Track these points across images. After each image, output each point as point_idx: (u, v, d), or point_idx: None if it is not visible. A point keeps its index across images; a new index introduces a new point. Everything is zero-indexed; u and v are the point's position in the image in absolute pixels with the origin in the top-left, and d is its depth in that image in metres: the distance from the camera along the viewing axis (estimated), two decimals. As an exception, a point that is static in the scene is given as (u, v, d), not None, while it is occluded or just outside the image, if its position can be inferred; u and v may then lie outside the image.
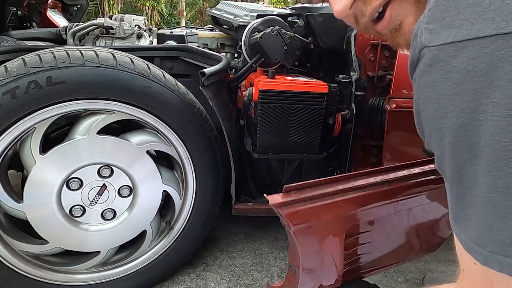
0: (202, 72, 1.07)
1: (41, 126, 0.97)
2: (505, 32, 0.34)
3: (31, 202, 1.01)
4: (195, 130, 1.10)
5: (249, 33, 1.23)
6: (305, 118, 1.17)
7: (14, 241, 1.04)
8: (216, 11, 1.63)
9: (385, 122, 1.20)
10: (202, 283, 1.28)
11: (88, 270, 1.15)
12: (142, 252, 1.20)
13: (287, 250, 1.51)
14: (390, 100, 1.20)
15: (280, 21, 1.24)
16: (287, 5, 13.78)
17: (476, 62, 0.36)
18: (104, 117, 1.02)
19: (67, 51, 0.96)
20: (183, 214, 1.20)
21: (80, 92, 0.95)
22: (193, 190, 1.17)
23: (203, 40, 1.65)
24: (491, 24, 0.35)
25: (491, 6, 0.35)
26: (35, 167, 0.98)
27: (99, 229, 1.10)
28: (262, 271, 1.37)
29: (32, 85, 0.90)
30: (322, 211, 0.70)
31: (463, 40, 0.37)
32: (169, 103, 1.04)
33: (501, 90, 0.35)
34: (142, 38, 1.65)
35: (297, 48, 1.20)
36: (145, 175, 1.10)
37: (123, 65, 0.99)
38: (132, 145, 1.06)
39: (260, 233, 1.62)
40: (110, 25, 1.58)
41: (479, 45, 0.36)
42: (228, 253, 1.46)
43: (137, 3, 16.49)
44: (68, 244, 1.09)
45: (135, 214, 1.13)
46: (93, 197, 1.07)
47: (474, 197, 0.40)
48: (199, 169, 1.14)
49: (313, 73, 1.38)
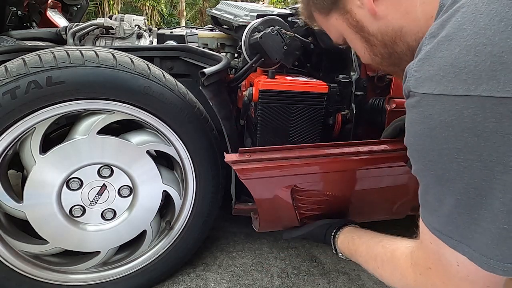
0: (202, 72, 1.07)
1: (41, 126, 0.97)
2: (474, 94, 0.43)
3: (31, 202, 1.01)
4: (195, 130, 1.10)
5: (249, 33, 1.23)
6: (305, 118, 1.17)
7: (14, 241, 1.04)
8: (216, 11, 1.63)
9: (385, 122, 1.21)
10: (202, 283, 1.28)
11: (88, 270, 1.15)
12: (142, 252, 1.20)
13: (287, 250, 1.51)
14: (390, 100, 1.21)
15: (280, 21, 1.24)
16: (287, 5, 13.77)
17: (448, 115, 0.45)
18: (104, 117, 1.02)
19: (67, 51, 0.96)
20: (183, 214, 1.20)
21: (80, 92, 0.95)
22: (193, 190, 1.17)
23: (203, 40, 1.65)
24: (463, 85, 0.44)
25: (465, 69, 0.44)
26: (35, 167, 0.98)
27: (99, 229, 1.10)
28: (262, 271, 1.37)
29: (32, 85, 0.90)
30: (268, 169, 0.92)
31: (440, 94, 0.46)
32: (169, 103, 1.04)
33: (465, 140, 0.45)
34: (142, 38, 1.65)
35: (297, 48, 1.20)
36: (145, 175, 1.10)
37: (123, 65, 0.99)
38: (132, 145, 1.06)
39: (260, 233, 1.62)
40: (110, 25, 1.58)
41: (452, 101, 0.45)
42: (228, 253, 1.46)
43: (137, 3, 16.50)
44: (68, 244, 1.09)
45: (135, 214, 1.13)
46: (93, 197, 1.07)
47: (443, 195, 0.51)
48: (199, 169, 1.14)
49: (313, 73, 1.38)
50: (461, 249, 0.50)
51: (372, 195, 1.14)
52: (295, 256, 1.47)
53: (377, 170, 1.06)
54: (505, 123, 0.42)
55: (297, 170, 0.96)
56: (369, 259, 0.80)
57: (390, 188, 1.13)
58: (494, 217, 0.46)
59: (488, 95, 0.42)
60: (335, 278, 1.35)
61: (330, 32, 0.81)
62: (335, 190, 1.08)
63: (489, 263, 0.48)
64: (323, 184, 1.05)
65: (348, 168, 1.02)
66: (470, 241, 0.49)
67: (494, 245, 0.47)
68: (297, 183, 0.99)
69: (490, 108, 0.42)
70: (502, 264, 0.47)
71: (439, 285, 0.58)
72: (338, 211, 1.12)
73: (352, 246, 0.90)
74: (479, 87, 0.42)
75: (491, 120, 0.42)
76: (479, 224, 0.47)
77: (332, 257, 1.48)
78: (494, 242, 0.47)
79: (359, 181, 1.09)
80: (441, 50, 0.47)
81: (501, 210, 0.45)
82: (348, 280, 1.35)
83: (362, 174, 1.06)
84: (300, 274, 1.36)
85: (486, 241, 0.48)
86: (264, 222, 1.10)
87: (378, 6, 0.64)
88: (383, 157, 1.03)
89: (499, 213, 0.45)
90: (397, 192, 1.16)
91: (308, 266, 1.42)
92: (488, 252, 0.48)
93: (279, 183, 0.96)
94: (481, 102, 0.42)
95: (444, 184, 0.49)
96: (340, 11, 0.72)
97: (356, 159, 1.01)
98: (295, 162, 0.94)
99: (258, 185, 0.94)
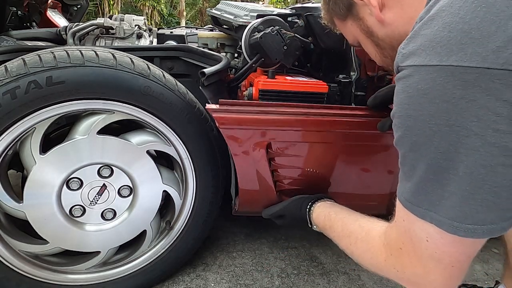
0: (202, 72, 1.07)
1: (41, 126, 0.97)
2: (446, 64, 0.49)
3: (31, 202, 1.01)
4: (195, 130, 1.10)
5: (249, 33, 1.23)
6: (305, 118, 1.17)
7: (14, 241, 1.04)
8: (216, 11, 1.63)
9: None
10: (202, 283, 1.28)
11: (88, 270, 1.15)
12: (142, 252, 1.20)
13: (287, 250, 1.51)
14: (390, 100, 1.21)
15: (280, 21, 1.24)
16: (287, 5, 13.77)
17: (424, 83, 0.52)
18: (104, 117, 1.02)
19: (67, 51, 0.96)
20: (183, 214, 1.20)
21: (80, 92, 0.95)
22: (193, 190, 1.17)
23: (203, 40, 1.65)
24: (438, 57, 0.50)
25: (440, 43, 0.50)
26: (35, 167, 0.98)
27: (99, 229, 1.10)
28: (262, 271, 1.37)
29: (32, 85, 0.90)
30: (244, 120, 1.00)
31: (419, 65, 0.53)
32: (169, 103, 1.04)
33: (436, 106, 0.51)
34: (142, 38, 1.65)
35: (297, 48, 1.20)
36: (145, 175, 1.10)
37: (123, 65, 0.99)
38: (132, 145, 1.06)
39: (260, 233, 1.62)
40: (110, 25, 1.58)
41: (427, 71, 0.51)
42: (228, 253, 1.46)
43: (137, 3, 16.51)
44: (68, 244, 1.09)
45: (135, 214, 1.13)
46: (93, 197, 1.07)
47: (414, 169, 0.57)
48: (199, 169, 1.14)
49: (313, 73, 1.38)
50: (429, 216, 0.55)
51: (351, 170, 1.17)
52: (295, 256, 1.47)
53: (354, 136, 1.09)
54: (469, 90, 0.47)
55: (271, 123, 1.02)
56: (344, 236, 0.84)
57: (369, 163, 1.17)
58: (458, 180, 0.51)
59: (457, 64, 0.48)
60: (335, 278, 1.35)
61: (347, 36, 0.90)
62: (311, 158, 1.11)
63: (452, 225, 0.53)
64: (298, 148, 1.09)
65: (321, 129, 1.06)
66: (437, 207, 0.54)
67: (457, 208, 0.52)
68: (272, 138, 1.04)
69: (458, 77, 0.48)
70: (463, 225, 0.52)
71: (408, 265, 0.62)
72: (316, 188, 1.15)
73: (327, 222, 0.93)
74: (450, 58, 0.49)
75: (459, 87, 0.48)
76: (446, 189, 0.52)
77: (332, 257, 1.48)
78: (457, 205, 0.52)
79: (335, 150, 1.12)
80: (424, 29, 0.54)
81: (464, 172, 0.50)
82: (348, 280, 1.35)
83: (337, 139, 1.09)
84: (300, 274, 1.36)
85: (450, 204, 0.52)
86: (243, 195, 1.13)
87: (385, 14, 0.72)
88: (359, 121, 1.08)
89: (463, 176, 0.50)
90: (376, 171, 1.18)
91: (308, 266, 1.42)
92: (452, 215, 0.53)
93: (254, 136, 1.02)
94: (451, 71, 0.48)
95: (418, 150, 0.55)
96: (354, 18, 0.81)
97: (329, 119, 1.06)
98: (270, 116, 1.02)
99: (235, 136, 1.01)
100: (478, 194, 0.50)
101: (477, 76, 0.46)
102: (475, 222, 0.52)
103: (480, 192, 0.50)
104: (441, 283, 0.59)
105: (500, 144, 0.47)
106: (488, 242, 0.59)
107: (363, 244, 0.75)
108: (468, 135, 0.48)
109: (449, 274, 0.58)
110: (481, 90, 0.46)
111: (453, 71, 0.48)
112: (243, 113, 1.01)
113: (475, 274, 1.42)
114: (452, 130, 0.49)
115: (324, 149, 1.11)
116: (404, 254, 0.62)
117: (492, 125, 0.47)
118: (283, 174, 1.12)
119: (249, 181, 1.11)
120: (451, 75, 0.48)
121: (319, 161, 1.13)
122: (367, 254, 0.73)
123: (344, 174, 1.17)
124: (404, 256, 0.62)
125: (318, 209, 1.00)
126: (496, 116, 0.46)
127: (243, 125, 1.01)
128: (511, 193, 0.50)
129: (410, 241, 0.60)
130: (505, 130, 0.46)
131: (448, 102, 0.49)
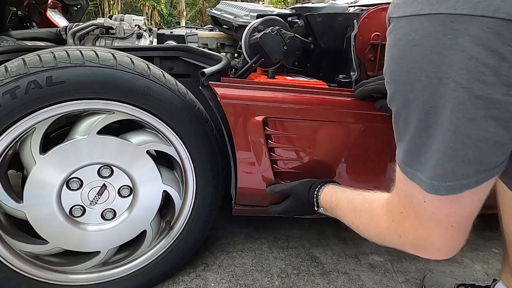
0: (202, 72, 1.07)
1: (41, 126, 0.97)
2: (436, 12, 0.48)
3: (31, 202, 1.01)
4: (195, 130, 1.10)
5: (249, 33, 1.23)
6: (305, 118, 1.17)
7: (14, 241, 1.04)
8: (216, 11, 1.63)
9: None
10: (202, 283, 1.28)
11: (88, 270, 1.15)
12: (142, 252, 1.20)
13: (287, 250, 1.51)
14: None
15: (280, 21, 1.24)
16: (287, 5, 13.77)
17: (415, 34, 0.51)
18: (104, 117, 1.02)
19: (67, 51, 0.96)
20: (183, 214, 1.20)
21: (80, 92, 0.95)
22: (193, 190, 1.17)
23: (203, 40, 1.65)
24: (429, 5, 0.49)
25: None
26: (35, 167, 0.98)
27: (99, 229, 1.10)
28: (262, 271, 1.37)
29: (32, 85, 0.90)
30: (243, 96, 1.07)
31: (410, 15, 0.51)
32: (169, 103, 1.04)
33: (427, 58, 0.50)
34: (142, 38, 1.65)
35: (297, 48, 1.20)
36: (145, 175, 1.10)
37: (123, 65, 0.99)
38: (132, 145, 1.06)
39: (260, 233, 1.62)
40: (110, 25, 1.58)
41: (418, 20, 0.50)
42: (228, 253, 1.46)
43: (137, 3, 16.51)
44: (68, 244, 1.09)
45: (135, 214, 1.13)
46: (93, 197, 1.07)
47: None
48: (199, 169, 1.14)
49: (313, 73, 1.38)
50: (417, 177, 0.55)
51: (347, 153, 1.18)
52: (295, 256, 1.47)
53: (349, 115, 1.13)
54: (459, 39, 0.46)
55: (268, 99, 1.08)
56: (349, 211, 0.83)
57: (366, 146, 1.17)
58: (443, 136, 0.50)
59: (448, 12, 0.47)
60: (335, 278, 1.35)
61: None
62: (307, 137, 1.14)
63: (432, 184, 0.53)
64: (295, 126, 1.12)
65: (315, 107, 1.10)
66: (423, 167, 0.54)
67: (440, 166, 0.52)
68: (268, 113, 1.08)
69: (449, 25, 0.47)
70: (444, 183, 0.52)
71: (410, 229, 0.62)
72: (314, 171, 1.16)
73: (334, 200, 0.93)
74: (441, 5, 0.47)
75: (449, 36, 0.47)
76: (431, 146, 0.52)
77: (332, 257, 1.48)
78: (440, 163, 0.52)
79: (331, 130, 1.14)
80: None
81: (449, 129, 0.50)
82: (348, 280, 1.35)
83: (332, 117, 1.12)
84: (300, 274, 1.36)
85: (434, 162, 0.52)
86: (241, 178, 1.16)
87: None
88: (352, 101, 1.12)
89: (447, 132, 0.50)
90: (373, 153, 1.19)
91: (308, 266, 1.42)
92: (434, 174, 0.53)
93: (252, 111, 1.07)
94: (442, 19, 0.48)
95: (409, 105, 0.54)
96: None
97: (323, 97, 1.11)
98: (267, 92, 1.09)
99: (234, 109, 1.07)
100: (462, 150, 0.50)
101: (468, 24, 0.45)
102: (455, 178, 0.52)
103: (463, 148, 0.50)
104: (443, 244, 0.59)
105: (484, 96, 0.47)
106: (488, 242, 0.59)
107: (367, 215, 0.75)
108: (455, 89, 0.48)
109: (450, 234, 0.58)
110: (471, 40, 0.46)
111: (444, 19, 0.47)
112: (243, 89, 1.07)
113: (475, 274, 1.42)
114: (441, 82, 0.49)
115: (318, 128, 1.13)
116: (406, 218, 0.62)
117: (480, 77, 0.46)
118: (280, 154, 1.14)
119: (247, 164, 1.14)
120: (442, 24, 0.48)
121: (316, 141, 1.15)
122: (371, 225, 0.73)
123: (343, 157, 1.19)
124: (406, 220, 0.62)
125: (325, 189, 1.01)
126: (484, 67, 0.45)
127: (242, 100, 1.07)
128: (489, 146, 0.49)
129: (411, 204, 0.60)
130: (490, 82, 0.46)
131: (439, 53, 0.48)
